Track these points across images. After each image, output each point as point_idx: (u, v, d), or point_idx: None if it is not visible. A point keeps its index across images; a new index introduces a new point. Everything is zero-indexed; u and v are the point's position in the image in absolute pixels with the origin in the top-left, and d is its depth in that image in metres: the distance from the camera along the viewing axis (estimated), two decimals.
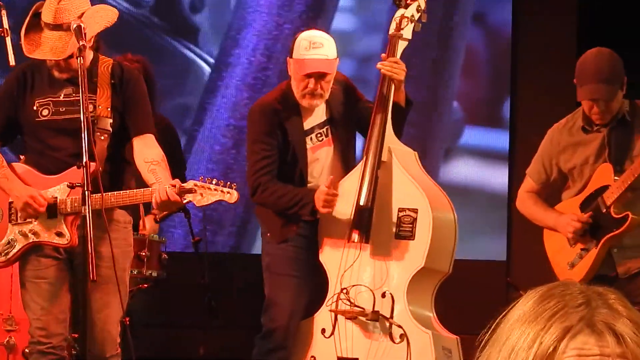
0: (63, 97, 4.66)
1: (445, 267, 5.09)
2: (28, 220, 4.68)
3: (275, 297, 5.20)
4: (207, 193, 4.53)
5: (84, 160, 4.35)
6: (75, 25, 4.46)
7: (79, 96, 4.44)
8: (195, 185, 4.53)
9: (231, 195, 4.58)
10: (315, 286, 5.23)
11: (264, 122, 5.22)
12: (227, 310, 6.28)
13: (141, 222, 5.94)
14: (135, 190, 4.63)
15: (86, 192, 4.35)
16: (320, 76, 5.14)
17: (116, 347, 4.70)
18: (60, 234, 4.64)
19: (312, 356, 5.17)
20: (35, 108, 4.69)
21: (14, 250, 4.71)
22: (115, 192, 4.57)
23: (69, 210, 4.62)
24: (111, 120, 4.69)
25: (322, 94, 5.17)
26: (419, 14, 5.20)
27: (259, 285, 5.31)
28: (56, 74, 4.66)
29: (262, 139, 5.21)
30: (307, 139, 5.25)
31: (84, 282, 4.38)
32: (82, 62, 4.42)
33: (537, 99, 7.32)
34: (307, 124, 5.25)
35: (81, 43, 4.42)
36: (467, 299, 6.68)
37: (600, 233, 4.87)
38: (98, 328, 4.61)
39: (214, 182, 4.58)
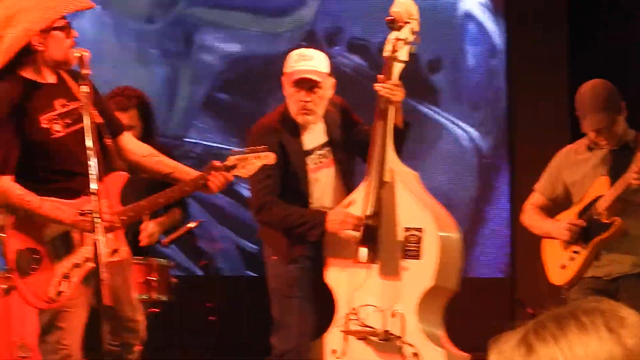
0: (63, 108, 4.34)
1: (453, 286, 5.13)
2: (72, 251, 4.37)
3: (284, 320, 5.21)
4: (247, 163, 4.53)
5: (94, 188, 4.04)
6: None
7: (77, 103, 4.24)
8: (236, 159, 4.52)
9: (268, 157, 4.59)
10: (322, 306, 5.24)
11: (264, 142, 5.21)
12: (234, 332, 6.30)
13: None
14: (183, 182, 4.51)
15: (97, 220, 4.03)
16: (310, 88, 5.14)
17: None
18: (116, 251, 4.42)
19: None
20: (44, 125, 4.28)
21: (71, 285, 4.37)
22: (161, 192, 4.50)
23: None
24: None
25: (314, 109, 5.18)
26: (414, 36, 5.17)
27: (266, 306, 5.33)
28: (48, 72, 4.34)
29: None
30: (308, 160, 5.26)
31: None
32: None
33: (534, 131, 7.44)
34: (307, 145, 5.26)
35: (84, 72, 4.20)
36: (472, 316, 6.69)
37: (591, 237, 5.17)
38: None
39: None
